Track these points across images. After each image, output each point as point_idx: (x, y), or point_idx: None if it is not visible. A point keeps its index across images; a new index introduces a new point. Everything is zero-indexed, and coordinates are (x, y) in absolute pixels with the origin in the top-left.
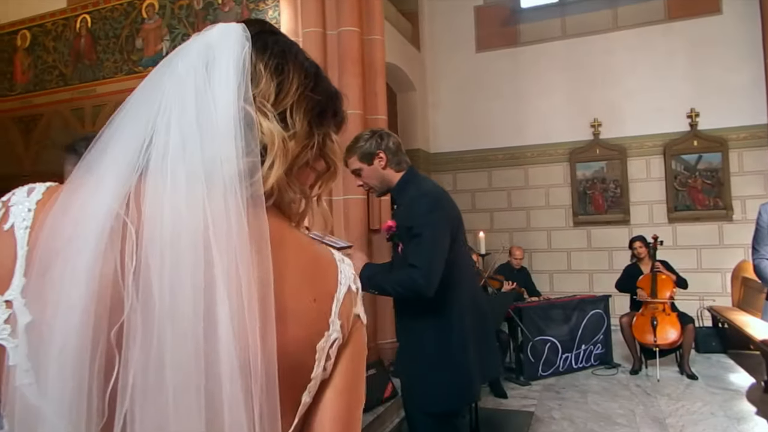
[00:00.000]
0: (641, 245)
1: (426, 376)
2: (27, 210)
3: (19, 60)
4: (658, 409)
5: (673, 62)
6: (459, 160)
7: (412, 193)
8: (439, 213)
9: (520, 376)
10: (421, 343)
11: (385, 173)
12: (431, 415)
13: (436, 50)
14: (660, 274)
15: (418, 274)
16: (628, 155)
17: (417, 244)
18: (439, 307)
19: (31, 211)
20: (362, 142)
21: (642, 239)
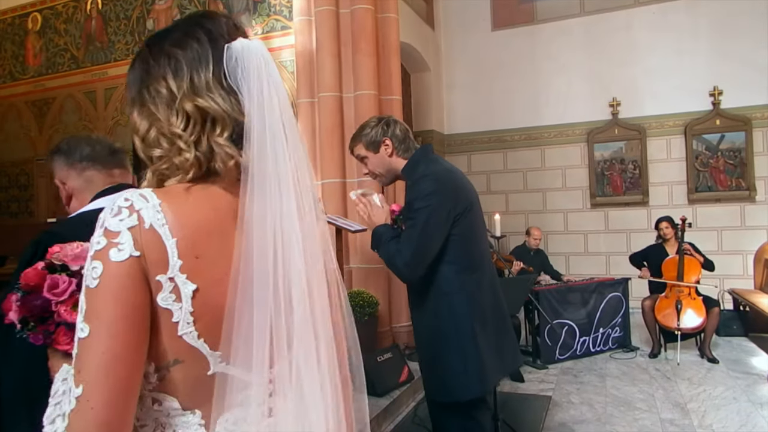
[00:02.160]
0: (668, 225)
1: (434, 363)
2: (156, 211)
3: (30, 43)
4: (679, 393)
5: (696, 39)
6: (474, 141)
7: (422, 171)
8: (440, 196)
9: (537, 360)
10: (432, 326)
11: (391, 161)
12: (440, 404)
13: (451, 29)
14: (688, 257)
15: (401, 261)
16: (648, 135)
17: (409, 227)
18: (454, 288)
19: (160, 211)
20: (368, 130)
21: (669, 220)
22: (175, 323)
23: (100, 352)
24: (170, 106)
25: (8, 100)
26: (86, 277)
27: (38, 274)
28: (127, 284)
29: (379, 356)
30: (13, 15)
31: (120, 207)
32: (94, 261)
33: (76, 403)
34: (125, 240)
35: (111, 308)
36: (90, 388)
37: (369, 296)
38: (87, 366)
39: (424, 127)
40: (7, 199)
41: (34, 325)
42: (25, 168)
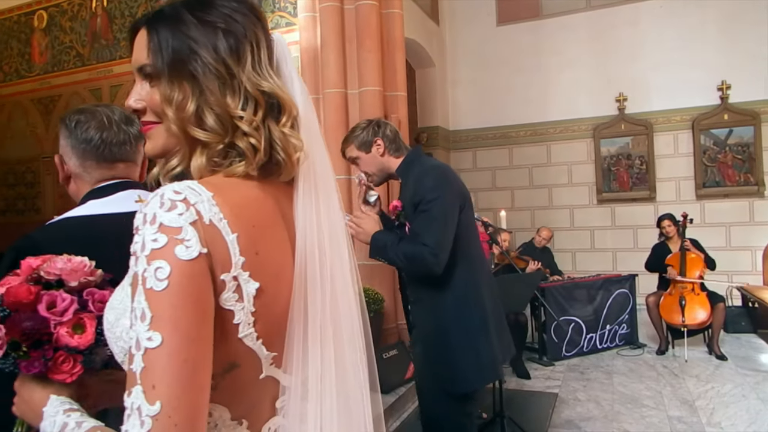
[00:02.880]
0: (670, 224)
1: (448, 354)
2: (211, 205)
3: (36, 41)
4: (687, 390)
5: (703, 32)
6: (479, 137)
7: (418, 170)
8: (447, 187)
9: (544, 357)
10: (440, 321)
11: (383, 160)
12: (450, 395)
13: (456, 24)
14: (689, 253)
15: (428, 251)
16: (655, 130)
17: (425, 219)
18: (456, 281)
19: (215, 205)
20: (359, 131)
21: (671, 217)
22: (236, 325)
23: (179, 361)
24: (224, 82)
25: (14, 97)
26: (146, 279)
27: (27, 290)
28: (200, 284)
29: (385, 353)
30: (19, 13)
31: (173, 200)
32: (155, 261)
33: (153, 422)
34: (191, 236)
35: (186, 312)
36: (172, 403)
37: (374, 293)
38: (164, 378)
39: (429, 123)
40: (14, 196)
41: (27, 351)
42: (31, 166)
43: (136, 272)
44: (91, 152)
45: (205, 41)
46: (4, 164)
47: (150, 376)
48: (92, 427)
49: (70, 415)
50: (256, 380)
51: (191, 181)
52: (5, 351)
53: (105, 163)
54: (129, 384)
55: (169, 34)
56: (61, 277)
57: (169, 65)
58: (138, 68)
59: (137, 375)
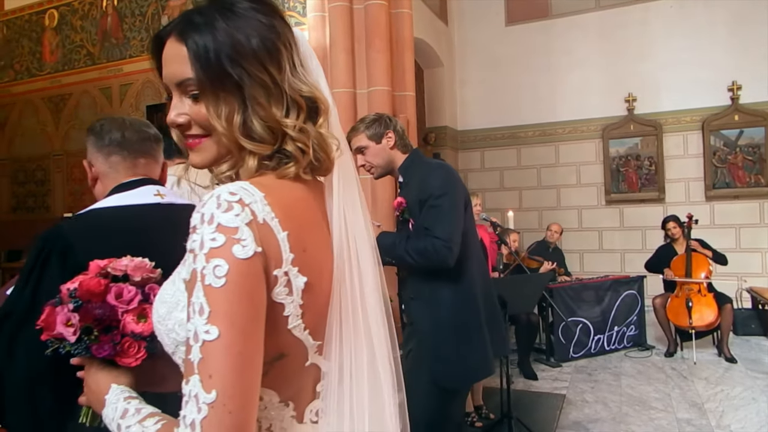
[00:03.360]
0: (675, 225)
1: (443, 349)
2: (264, 205)
3: (47, 39)
4: (696, 393)
5: (713, 32)
6: (487, 137)
7: (424, 169)
8: (454, 185)
9: (551, 358)
10: (439, 315)
11: (392, 153)
12: (442, 389)
13: (465, 24)
14: (695, 253)
15: (440, 243)
16: (664, 131)
17: (436, 214)
18: (456, 278)
19: (267, 205)
20: (370, 122)
21: (675, 219)
22: (285, 317)
23: (235, 353)
24: (270, 92)
25: (25, 96)
26: (205, 276)
27: (97, 282)
28: (255, 282)
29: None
30: (30, 12)
31: (229, 201)
32: (214, 259)
33: (209, 409)
34: (247, 236)
35: (242, 308)
36: (227, 392)
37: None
38: (220, 369)
39: (437, 123)
40: (24, 194)
41: (98, 335)
42: (41, 163)
43: (195, 269)
44: (115, 149)
45: (246, 50)
46: (14, 162)
47: (207, 367)
48: (150, 413)
49: (130, 401)
50: (302, 367)
51: (243, 182)
52: (79, 336)
53: (130, 157)
54: (187, 373)
55: (209, 45)
56: (126, 272)
57: (214, 79)
58: (177, 83)
59: (195, 365)
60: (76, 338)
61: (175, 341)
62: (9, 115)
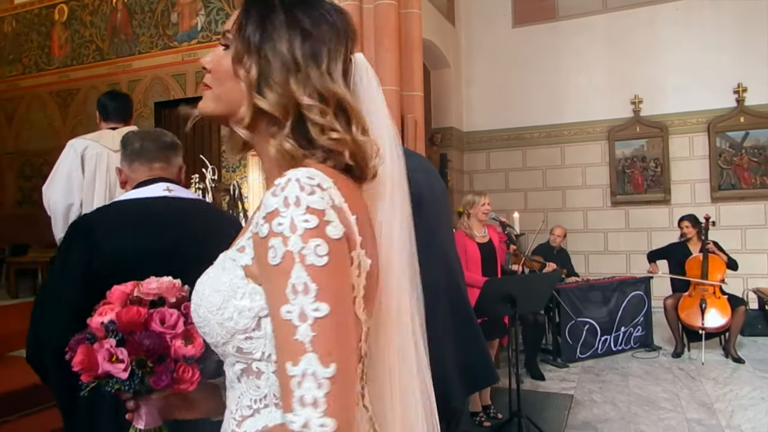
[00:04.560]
0: (688, 225)
1: None
2: (336, 189)
3: (56, 34)
4: (705, 393)
5: (720, 35)
6: (493, 138)
7: None
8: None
9: (558, 358)
10: None
11: None
12: None
13: (472, 25)
14: (712, 255)
15: None
16: (670, 133)
17: None
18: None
19: (338, 190)
20: None
21: (690, 218)
22: (354, 297)
23: (345, 328)
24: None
25: (33, 90)
26: (305, 256)
27: (137, 312)
28: (347, 261)
29: None
30: (40, 6)
31: (311, 185)
32: (313, 239)
33: (330, 384)
34: (334, 218)
35: (344, 284)
36: (342, 364)
37: None
38: (336, 344)
39: (444, 123)
40: (30, 188)
41: (152, 366)
42: (48, 158)
43: (289, 251)
44: (136, 156)
45: (284, 33)
46: (21, 156)
47: (321, 343)
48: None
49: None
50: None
51: (308, 168)
52: (131, 370)
53: (147, 163)
54: (294, 354)
55: (255, 16)
56: (162, 296)
57: (243, 41)
58: (223, 32)
59: (305, 344)
60: (129, 372)
61: (232, 330)
62: (17, 109)
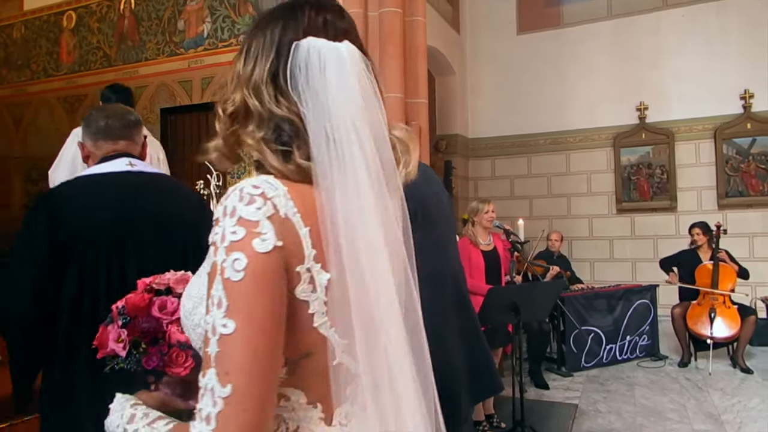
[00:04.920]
0: (699, 232)
1: None
2: (287, 199)
3: (64, 40)
4: (712, 404)
5: (726, 41)
6: (498, 145)
7: None
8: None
9: (562, 367)
10: None
11: None
12: None
13: (477, 33)
14: (723, 264)
15: None
16: (676, 139)
17: None
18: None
19: (290, 199)
20: None
21: (701, 226)
22: (311, 314)
23: (252, 348)
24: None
25: (41, 96)
26: (225, 269)
27: (142, 297)
28: (274, 277)
29: None
30: (49, 13)
31: (252, 195)
32: (233, 252)
33: (224, 404)
34: (267, 229)
35: (260, 303)
36: (242, 388)
37: None
38: (236, 364)
39: (449, 131)
40: (37, 192)
41: (146, 348)
42: None
43: (215, 262)
44: (101, 134)
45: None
46: (28, 160)
47: (223, 361)
48: (159, 416)
49: (136, 407)
50: (328, 367)
51: (268, 176)
52: (129, 350)
53: (111, 140)
54: (204, 365)
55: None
56: (169, 285)
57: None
58: None
59: (212, 358)
60: (127, 352)
61: (202, 336)
62: (24, 114)
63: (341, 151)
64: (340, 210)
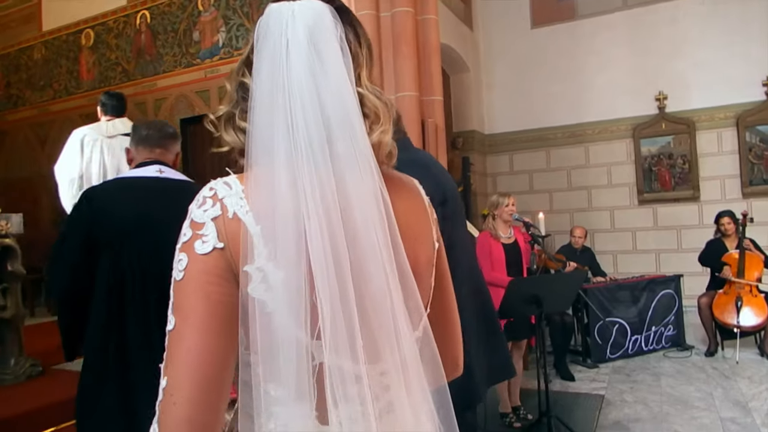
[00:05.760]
0: (730, 221)
1: None
2: (239, 198)
3: (84, 58)
4: (739, 392)
5: (747, 28)
6: (516, 140)
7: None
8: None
9: (587, 359)
10: None
11: None
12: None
13: (490, 29)
14: (749, 253)
15: None
16: (697, 128)
17: None
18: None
19: (243, 198)
20: None
21: (730, 215)
22: (269, 313)
23: (185, 347)
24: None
25: (64, 114)
26: (174, 268)
27: None
28: (211, 278)
29: None
30: (68, 32)
31: (204, 197)
32: (180, 253)
33: (163, 395)
34: (209, 231)
35: (196, 303)
36: (174, 382)
37: None
38: (172, 360)
39: (465, 127)
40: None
41: None
42: None
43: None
44: (141, 142)
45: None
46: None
47: (167, 355)
48: None
49: None
50: (308, 365)
51: (232, 176)
52: None
53: (149, 148)
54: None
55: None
56: None
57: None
58: None
59: (166, 350)
60: None
61: None
62: (48, 133)
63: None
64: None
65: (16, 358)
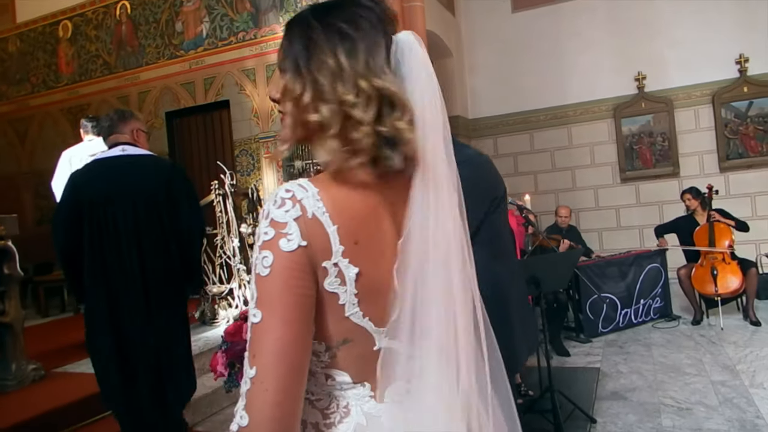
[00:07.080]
0: (690, 197)
1: None
2: (316, 200)
3: (62, 51)
4: (726, 356)
5: (719, 7)
6: (499, 124)
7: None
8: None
9: (581, 334)
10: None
11: None
12: None
13: (472, 13)
14: (717, 224)
15: None
16: (675, 107)
17: None
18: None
19: (320, 200)
20: None
21: (691, 191)
22: (341, 305)
23: (273, 338)
24: (337, 77)
25: (44, 108)
26: (257, 265)
27: (234, 325)
28: (297, 273)
29: None
30: (44, 24)
31: (283, 198)
32: (264, 251)
33: (251, 384)
34: (293, 231)
35: (283, 296)
36: (264, 371)
37: None
38: (261, 350)
39: (449, 113)
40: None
41: (239, 367)
42: None
43: (254, 258)
44: (101, 133)
45: (325, 45)
46: (37, 175)
47: (252, 346)
48: None
49: None
50: (371, 351)
51: (304, 179)
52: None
53: (107, 135)
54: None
55: (293, 35)
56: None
57: (291, 62)
58: (277, 64)
59: (248, 343)
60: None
61: None
62: (28, 129)
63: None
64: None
65: (18, 363)
